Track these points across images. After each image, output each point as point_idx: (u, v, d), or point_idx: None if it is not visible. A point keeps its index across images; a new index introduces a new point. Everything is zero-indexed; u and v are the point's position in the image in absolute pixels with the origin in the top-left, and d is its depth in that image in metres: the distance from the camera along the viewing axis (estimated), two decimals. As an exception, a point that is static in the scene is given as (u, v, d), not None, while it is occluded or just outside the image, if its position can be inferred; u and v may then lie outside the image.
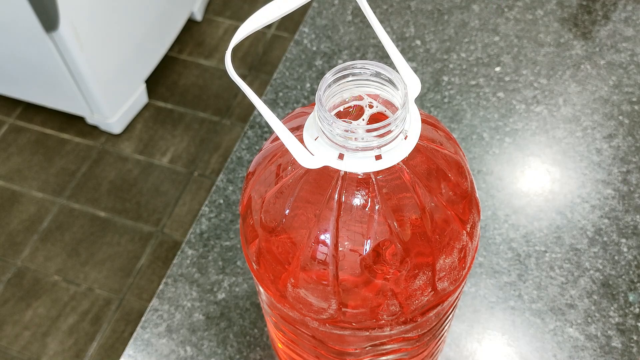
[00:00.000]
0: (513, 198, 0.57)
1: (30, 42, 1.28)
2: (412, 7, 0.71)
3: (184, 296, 0.53)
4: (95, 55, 1.35)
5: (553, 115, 0.62)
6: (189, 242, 0.56)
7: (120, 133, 1.54)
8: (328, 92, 0.28)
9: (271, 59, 1.67)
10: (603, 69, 0.65)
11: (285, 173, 0.30)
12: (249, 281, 0.53)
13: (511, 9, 0.71)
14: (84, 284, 1.32)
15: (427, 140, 0.30)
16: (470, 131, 0.61)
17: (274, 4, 0.28)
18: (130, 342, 0.51)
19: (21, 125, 1.56)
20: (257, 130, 0.62)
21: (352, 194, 0.28)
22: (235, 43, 0.27)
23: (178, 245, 1.35)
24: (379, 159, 0.27)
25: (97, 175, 1.48)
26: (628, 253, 0.53)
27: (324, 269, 0.29)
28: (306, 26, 0.70)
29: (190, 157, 1.50)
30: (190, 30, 1.72)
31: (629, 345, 0.49)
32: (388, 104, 0.29)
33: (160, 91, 1.62)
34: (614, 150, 0.60)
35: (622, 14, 0.69)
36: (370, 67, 0.28)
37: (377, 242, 0.29)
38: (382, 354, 0.36)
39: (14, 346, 1.25)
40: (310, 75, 0.66)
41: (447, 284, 0.31)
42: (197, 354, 0.50)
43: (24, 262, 1.35)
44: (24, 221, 1.41)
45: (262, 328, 0.51)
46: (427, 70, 0.66)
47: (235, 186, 0.59)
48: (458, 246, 0.31)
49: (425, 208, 0.29)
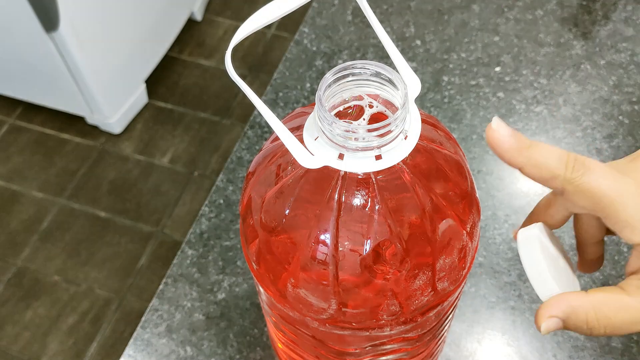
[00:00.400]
0: (513, 198, 0.57)
1: (30, 42, 1.28)
2: (412, 7, 0.71)
3: (184, 296, 0.53)
4: (95, 55, 1.35)
5: (553, 115, 0.62)
6: (189, 242, 0.56)
7: (120, 133, 1.54)
8: (328, 92, 0.28)
9: (271, 59, 1.67)
10: (603, 69, 0.65)
11: (285, 173, 0.30)
12: (249, 281, 0.53)
13: (511, 9, 0.71)
14: (84, 284, 1.32)
15: (427, 140, 0.30)
16: (470, 131, 0.61)
17: (274, 4, 0.28)
18: (130, 342, 0.51)
19: (21, 125, 1.56)
20: (257, 130, 0.62)
21: (352, 194, 0.28)
22: (235, 43, 0.27)
23: (178, 245, 1.35)
24: (379, 159, 0.27)
25: (97, 175, 1.48)
26: (628, 253, 0.53)
27: (324, 269, 0.29)
28: (306, 26, 0.70)
29: (190, 157, 1.50)
30: (190, 30, 1.72)
31: (629, 345, 0.49)
32: (388, 104, 0.29)
33: (160, 91, 1.62)
34: (614, 150, 0.60)
35: (622, 14, 0.69)
36: (370, 67, 0.28)
37: (377, 242, 0.29)
38: (382, 354, 0.36)
39: (14, 346, 1.25)
40: (310, 75, 0.66)
41: (447, 284, 0.31)
42: (197, 354, 0.50)
43: (24, 262, 1.35)
44: (24, 221, 1.41)
45: (262, 328, 0.51)
46: (427, 70, 0.66)
47: (235, 186, 0.59)
48: (458, 246, 0.31)
49: (425, 208, 0.29)
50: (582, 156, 0.26)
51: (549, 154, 0.26)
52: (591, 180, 0.26)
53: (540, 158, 0.26)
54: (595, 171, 0.26)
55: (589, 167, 0.26)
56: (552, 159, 0.26)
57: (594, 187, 0.26)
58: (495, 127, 0.27)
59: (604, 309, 0.26)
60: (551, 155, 0.26)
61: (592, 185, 0.26)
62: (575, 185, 0.26)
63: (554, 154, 0.26)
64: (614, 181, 0.25)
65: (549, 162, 0.26)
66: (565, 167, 0.26)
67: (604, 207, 0.26)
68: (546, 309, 0.27)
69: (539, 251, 0.28)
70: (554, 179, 0.26)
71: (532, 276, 0.28)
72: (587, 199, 0.26)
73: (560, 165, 0.26)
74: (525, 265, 0.29)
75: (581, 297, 0.27)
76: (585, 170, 0.26)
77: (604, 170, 0.26)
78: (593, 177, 0.26)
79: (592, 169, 0.26)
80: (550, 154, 0.26)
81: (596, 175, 0.26)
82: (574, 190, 0.26)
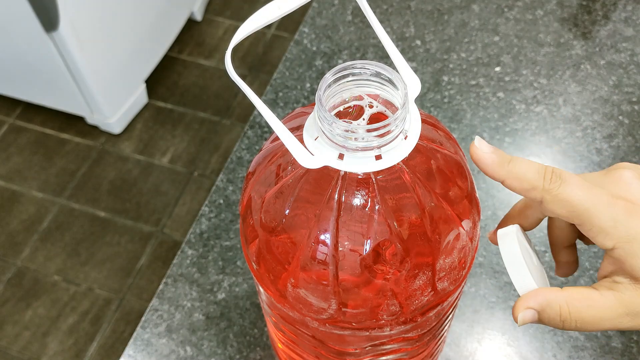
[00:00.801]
0: (513, 198, 0.57)
1: (30, 42, 1.28)
2: (412, 7, 0.71)
3: (184, 296, 0.53)
4: (95, 55, 1.35)
5: (553, 115, 0.62)
6: (189, 242, 0.56)
7: (120, 133, 1.54)
8: (328, 92, 0.28)
9: (271, 59, 1.67)
10: (603, 69, 0.65)
11: (285, 173, 0.30)
12: (249, 281, 0.53)
13: (511, 9, 0.71)
14: (84, 284, 1.32)
15: (427, 140, 0.30)
16: (470, 131, 0.61)
17: (274, 4, 0.28)
18: (130, 342, 0.51)
19: (21, 125, 1.56)
20: (257, 130, 0.62)
21: (352, 194, 0.28)
22: (235, 43, 0.27)
23: (178, 245, 1.35)
24: (379, 159, 0.27)
25: (97, 175, 1.48)
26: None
27: (323, 269, 0.29)
28: (306, 26, 0.70)
29: (190, 157, 1.50)
30: (190, 30, 1.72)
31: (629, 345, 0.49)
32: (388, 104, 0.29)
33: (160, 91, 1.62)
34: (614, 150, 0.60)
35: (622, 14, 0.69)
36: (370, 67, 0.28)
37: (377, 242, 0.29)
38: (382, 354, 0.36)
39: (14, 346, 1.25)
40: (310, 75, 0.66)
41: (447, 284, 0.31)
42: (197, 354, 0.50)
43: (24, 262, 1.35)
44: (24, 221, 1.41)
45: (262, 328, 0.51)
46: (427, 70, 0.66)
47: (235, 186, 0.59)
48: (458, 246, 0.31)
49: (425, 208, 0.29)
50: (558, 169, 0.29)
51: (528, 167, 0.29)
52: (567, 191, 0.28)
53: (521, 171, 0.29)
54: (570, 182, 0.28)
55: (564, 179, 0.28)
56: (531, 171, 0.28)
57: (569, 196, 0.28)
58: (478, 144, 0.29)
59: (576, 303, 0.28)
60: (530, 169, 0.29)
61: (568, 195, 0.28)
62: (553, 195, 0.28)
63: (533, 167, 0.29)
64: (587, 191, 0.28)
65: (529, 174, 0.28)
66: (543, 179, 0.28)
67: (579, 215, 0.28)
68: (523, 301, 0.29)
69: (517, 247, 0.30)
70: (534, 190, 0.28)
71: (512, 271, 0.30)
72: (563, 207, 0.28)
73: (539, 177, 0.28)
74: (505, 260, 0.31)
75: (556, 292, 0.29)
76: (562, 181, 0.28)
77: (578, 181, 0.28)
78: (569, 188, 0.28)
79: (567, 181, 0.28)
80: (529, 167, 0.29)
81: (572, 186, 0.28)
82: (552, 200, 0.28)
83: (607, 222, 0.27)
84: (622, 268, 0.28)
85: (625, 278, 0.28)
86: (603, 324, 0.28)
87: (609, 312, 0.28)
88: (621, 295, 0.28)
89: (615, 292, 0.28)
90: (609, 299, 0.28)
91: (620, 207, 0.28)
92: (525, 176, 0.28)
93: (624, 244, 0.28)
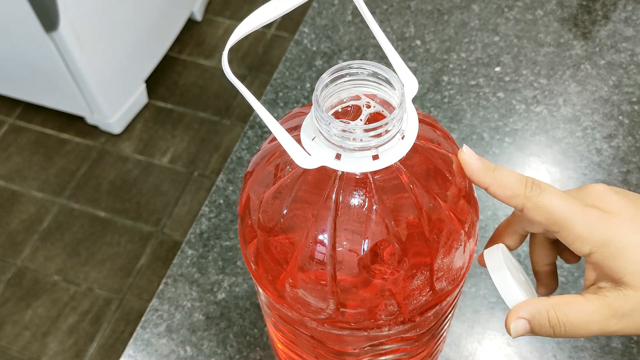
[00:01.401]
0: (512, 198, 0.57)
1: (30, 42, 1.28)
2: (412, 7, 0.71)
3: (184, 296, 0.53)
4: (95, 55, 1.35)
5: (553, 115, 0.62)
6: (189, 242, 0.56)
7: (120, 133, 1.54)
8: (325, 92, 0.28)
9: (271, 59, 1.67)
10: (603, 69, 0.65)
11: (283, 173, 0.30)
12: (249, 281, 0.53)
13: (511, 9, 0.70)
14: (84, 284, 1.32)
15: (424, 140, 0.30)
16: (470, 131, 0.61)
17: (271, 4, 0.28)
18: (130, 342, 0.51)
19: (21, 125, 1.56)
20: (257, 130, 0.62)
21: (349, 194, 0.28)
22: (232, 43, 0.27)
23: (178, 245, 1.35)
24: (376, 159, 0.27)
25: (97, 175, 1.48)
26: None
27: (321, 269, 0.29)
28: (306, 26, 0.70)
29: (190, 157, 1.50)
30: (190, 30, 1.72)
31: (629, 346, 0.49)
32: (385, 103, 0.29)
33: (160, 91, 1.62)
34: (614, 150, 0.59)
35: (622, 14, 0.69)
36: (367, 67, 0.28)
37: (375, 242, 0.29)
38: (381, 354, 0.36)
39: (14, 346, 1.25)
40: (310, 75, 0.66)
41: (446, 283, 0.31)
42: (197, 354, 0.50)
43: (24, 262, 1.35)
44: (24, 221, 1.41)
45: (262, 328, 0.51)
46: (427, 70, 0.66)
47: (235, 186, 0.59)
48: (456, 246, 0.31)
49: (422, 208, 0.29)
50: (537, 179, 0.31)
51: (510, 176, 0.31)
52: (546, 199, 0.30)
53: (504, 179, 0.31)
54: (549, 191, 0.30)
55: (544, 188, 0.30)
56: (514, 180, 0.30)
57: (548, 204, 0.30)
58: (466, 151, 0.31)
59: (562, 308, 0.30)
60: (512, 177, 0.31)
61: (546, 203, 0.30)
62: (533, 202, 0.30)
63: (515, 176, 0.31)
64: (564, 200, 0.30)
65: (511, 182, 0.30)
66: (525, 187, 0.30)
67: (557, 222, 0.30)
68: (514, 312, 0.31)
69: (503, 263, 0.32)
70: (516, 197, 0.30)
71: (500, 286, 0.32)
72: (542, 214, 0.30)
73: (521, 186, 0.30)
74: (493, 277, 0.32)
75: (543, 300, 0.31)
76: (541, 190, 0.30)
77: (556, 191, 0.30)
78: (547, 196, 0.30)
79: (546, 190, 0.30)
80: (512, 176, 0.31)
81: (550, 195, 0.30)
82: (532, 207, 0.30)
83: (583, 229, 0.29)
84: (603, 272, 0.30)
85: (608, 282, 0.30)
86: (590, 327, 0.29)
87: (595, 315, 0.29)
88: (605, 298, 0.29)
89: (599, 296, 0.30)
90: (594, 302, 0.30)
91: (594, 215, 0.29)
92: (508, 184, 0.30)
93: (599, 247, 0.29)
